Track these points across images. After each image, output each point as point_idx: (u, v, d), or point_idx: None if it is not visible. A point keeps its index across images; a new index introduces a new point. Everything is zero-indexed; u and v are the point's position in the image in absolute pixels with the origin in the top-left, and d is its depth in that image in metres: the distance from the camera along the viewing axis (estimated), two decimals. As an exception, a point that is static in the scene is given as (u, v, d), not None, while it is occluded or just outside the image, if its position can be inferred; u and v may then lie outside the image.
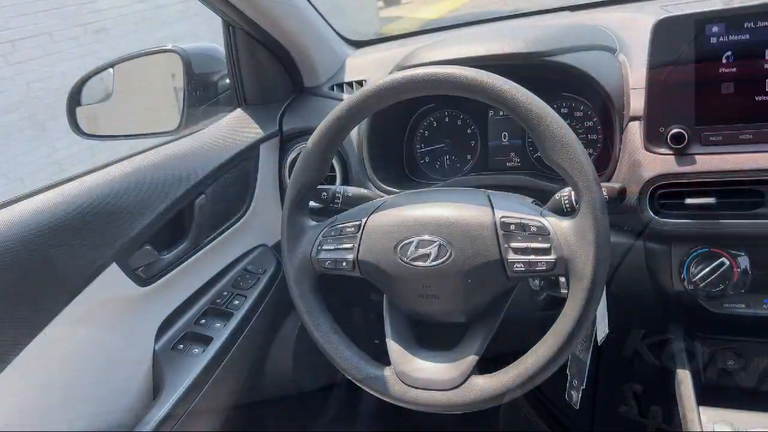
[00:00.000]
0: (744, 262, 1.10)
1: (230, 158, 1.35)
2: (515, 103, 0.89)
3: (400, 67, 1.33)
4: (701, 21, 1.05)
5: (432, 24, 1.96)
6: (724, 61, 1.05)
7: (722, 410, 1.14)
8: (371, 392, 1.03)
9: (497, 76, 0.91)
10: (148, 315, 1.23)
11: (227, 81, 1.54)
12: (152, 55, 1.53)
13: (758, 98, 1.04)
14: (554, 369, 0.91)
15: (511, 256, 0.93)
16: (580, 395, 1.12)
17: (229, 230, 1.37)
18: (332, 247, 1.04)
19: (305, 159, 1.05)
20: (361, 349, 1.06)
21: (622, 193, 0.98)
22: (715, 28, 1.04)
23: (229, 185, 1.37)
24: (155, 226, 1.19)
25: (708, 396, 1.21)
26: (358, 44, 1.73)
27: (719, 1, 1.16)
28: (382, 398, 1.02)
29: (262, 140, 1.44)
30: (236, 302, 1.34)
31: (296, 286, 1.06)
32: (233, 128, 1.43)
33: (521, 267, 0.92)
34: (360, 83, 1.49)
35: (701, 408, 1.15)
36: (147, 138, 1.50)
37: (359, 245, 1.02)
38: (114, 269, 1.13)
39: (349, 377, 1.05)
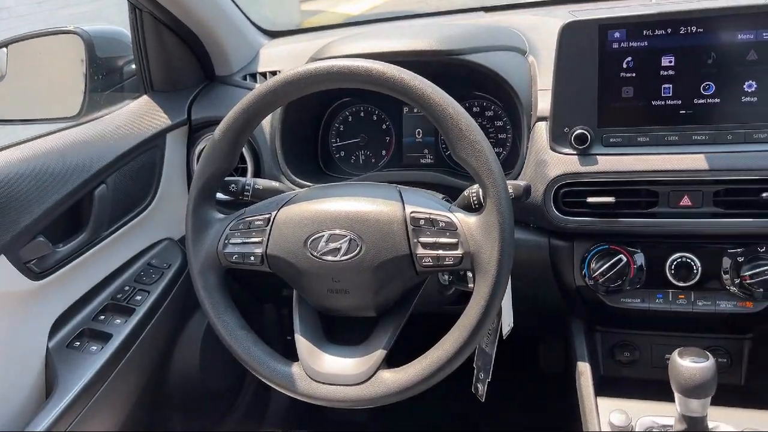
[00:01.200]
0: (640, 258, 1.15)
1: (134, 147, 1.29)
2: (426, 99, 0.90)
3: (315, 59, 1.31)
4: (604, 27, 1.09)
5: (353, 20, 1.95)
6: (624, 66, 1.10)
7: (618, 400, 1.19)
8: (279, 389, 1.01)
9: (408, 71, 0.91)
10: (40, 311, 1.16)
11: (133, 66, 1.47)
12: (51, 36, 1.43)
13: (655, 103, 1.10)
14: (460, 362, 0.92)
15: (420, 251, 0.93)
16: (486, 387, 1.15)
17: (132, 222, 1.31)
18: (240, 241, 1.01)
19: (212, 148, 1.01)
20: (273, 346, 1.04)
21: (527, 190, 1.01)
22: (616, 34, 1.09)
23: (132, 175, 1.31)
24: (50, 217, 1.12)
25: (606, 386, 1.26)
26: (273, 34, 1.69)
27: (627, 10, 1.21)
28: (290, 395, 1.01)
29: (169, 129, 1.38)
30: (138, 298, 1.29)
31: (201, 281, 1.03)
32: (138, 115, 1.36)
33: (430, 261, 0.93)
34: (273, 74, 1.46)
35: (599, 398, 1.20)
36: (44, 123, 1.41)
37: (268, 239, 1.00)
38: (2, 262, 1.05)
39: (256, 374, 1.02)
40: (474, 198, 1.00)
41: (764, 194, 1.05)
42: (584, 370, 1.24)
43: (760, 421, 1.11)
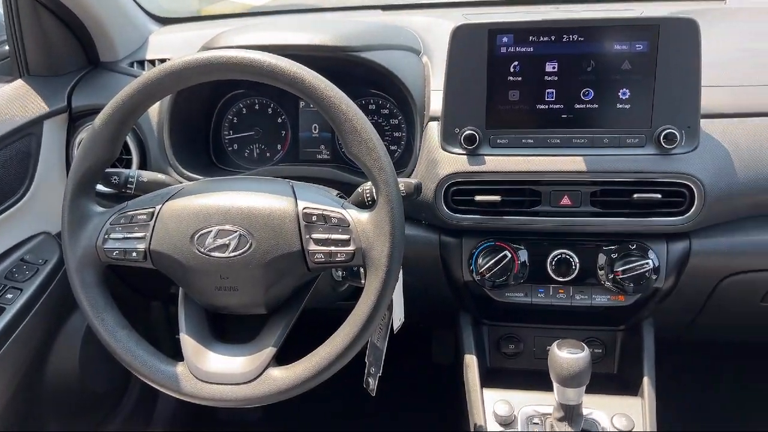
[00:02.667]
0: (523, 255, 1.21)
1: (6, 134, 1.20)
2: (318, 94, 0.89)
3: (206, 49, 1.27)
4: (493, 31, 1.13)
5: (253, 10, 1.91)
6: (511, 70, 1.14)
7: (503, 390, 1.24)
8: (163, 390, 0.97)
9: (301, 65, 0.90)
10: None
11: (6, 48, 1.37)
12: None
13: (539, 106, 1.15)
14: (350, 357, 0.92)
15: (312, 247, 0.93)
16: (377, 382, 1.16)
17: (3, 215, 1.22)
18: (121, 236, 0.97)
19: (93, 138, 0.96)
20: (161, 346, 1.00)
21: (418, 188, 1.03)
22: (505, 39, 1.13)
23: (4, 164, 1.21)
24: None
25: (492, 378, 1.32)
26: (164, 21, 1.63)
27: (516, 16, 1.26)
28: (175, 396, 0.97)
29: (46, 116, 1.29)
30: (9, 296, 1.20)
31: (78, 278, 0.97)
32: (10, 100, 1.27)
33: (321, 258, 0.93)
34: (162, 62, 1.40)
35: (485, 389, 1.24)
36: None
37: (152, 234, 0.96)
38: None
39: (137, 375, 0.98)
40: (367, 195, 1.01)
41: (636, 195, 1.13)
42: (471, 362, 1.28)
43: (630, 407, 1.20)
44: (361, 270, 1.09)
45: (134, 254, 0.96)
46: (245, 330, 1.02)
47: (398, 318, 1.15)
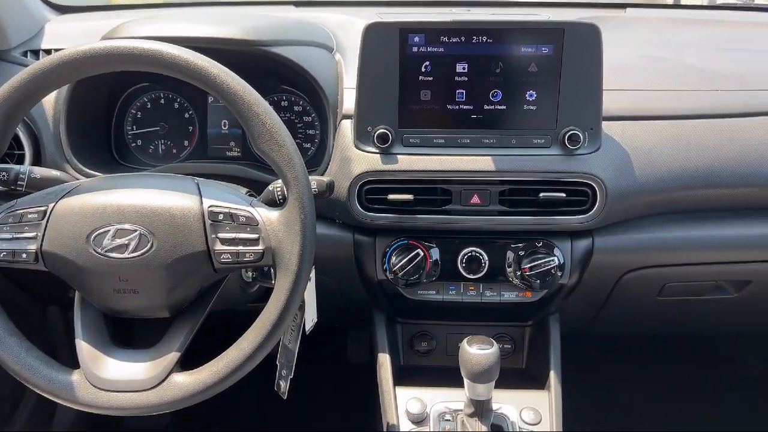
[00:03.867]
0: (435, 253, 1.22)
1: None
2: (223, 87, 0.86)
3: (107, 39, 1.21)
4: (405, 30, 1.13)
5: (161, 1, 1.84)
6: (423, 70, 1.15)
7: (416, 388, 1.25)
8: (57, 400, 0.92)
9: (204, 57, 0.87)
10: None
11: None
12: None
13: (450, 107, 1.17)
14: (258, 360, 0.90)
15: (218, 247, 0.90)
16: (288, 384, 1.14)
17: None
18: (9, 237, 0.90)
19: None
20: (59, 353, 0.94)
21: (330, 186, 1.02)
22: (416, 39, 1.14)
23: None
24: None
25: (405, 376, 1.32)
26: (62, 9, 1.53)
27: (427, 16, 1.27)
28: (70, 405, 0.91)
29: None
30: None
31: None
32: None
33: (228, 258, 0.90)
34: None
35: (398, 388, 1.25)
36: None
37: (44, 234, 0.90)
38: None
39: (28, 385, 0.92)
40: (278, 193, 0.99)
41: (542, 194, 1.16)
42: (384, 361, 1.28)
43: (537, 400, 1.23)
44: (272, 270, 1.07)
45: (24, 256, 0.90)
46: (148, 335, 0.98)
47: (311, 318, 1.13)
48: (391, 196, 1.17)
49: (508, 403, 1.20)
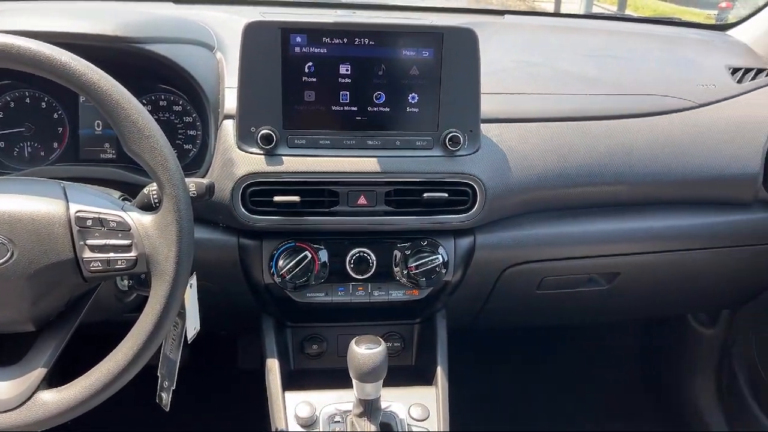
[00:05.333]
0: (324, 255, 1.21)
1: None
2: (88, 84, 0.82)
3: (-40, 32, 1.11)
4: (286, 30, 1.12)
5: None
6: (306, 70, 1.14)
7: (306, 392, 1.24)
8: None
9: (68, 53, 0.82)
10: None
11: None
12: None
13: (334, 108, 1.16)
14: (133, 373, 0.86)
15: (87, 255, 0.85)
16: (170, 396, 1.09)
17: None
18: None
19: None
20: None
21: (210, 189, 0.99)
22: (298, 39, 1.13)
23: None
24: None
25: (296, 380, 1.31)
26: None
27: (310, 17, 1.26)
28: None
29: None
30: None
31: None
32: None
33: (99, 266, 0.85)
34: None
35: (287, 393, 1.23)
36: None
37: None
38: None
39: None
40: (153, 196, 0.95)
41: (425, 195, 1.19)
42: (272, 366, 1.26)
43: (425, 396, 1.25)
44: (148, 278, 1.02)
45: None
46: (12, 350, 0.91)
47: (193, 327, 1.09)
48: (277, 198, 1.15)
49: (398, 400, 1.22)
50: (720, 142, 1.33)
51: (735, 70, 1.48)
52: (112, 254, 0.85)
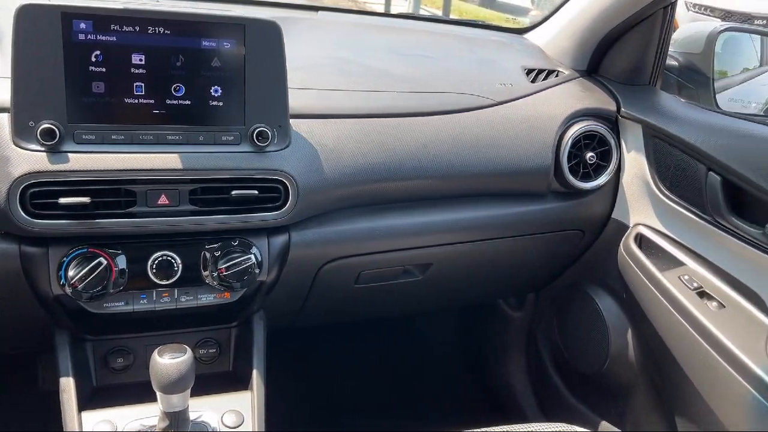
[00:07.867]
0: (122, 261, 1.12)
1: None
2: None
3: None
4: (68, 15, 1.01)
5: None
6: (93, 59, 1.04)
7: (107, 410, 1.14)
8: None
9: None
10: None
11: None
12: None
13: (128, 100, 1.08)
14: None
15: None
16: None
17: None
18: None
19: None
20: None
21: None
22: (83, 25, 1.03)
23: None
24: None
25: (98, 398, 1.20)
26: None
27: (95, 2, 1.15)
28: None
29: None
30: None
31: None
32: None
33: None
34: None
35: (84, 413, 1.12)
36: None
37: None
38: None
39: None
40: None
41: (234, 192, 1.14)
42: (67, 386, 1.14)
43: (240, 402, 1.21)
44: None
45: None
46: None
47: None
48: (63, 200, 1.03)
49: (210, 409, 1.16)
50: (516, 138, 1.42)
51: (529, 71, 1.59)
52: None
